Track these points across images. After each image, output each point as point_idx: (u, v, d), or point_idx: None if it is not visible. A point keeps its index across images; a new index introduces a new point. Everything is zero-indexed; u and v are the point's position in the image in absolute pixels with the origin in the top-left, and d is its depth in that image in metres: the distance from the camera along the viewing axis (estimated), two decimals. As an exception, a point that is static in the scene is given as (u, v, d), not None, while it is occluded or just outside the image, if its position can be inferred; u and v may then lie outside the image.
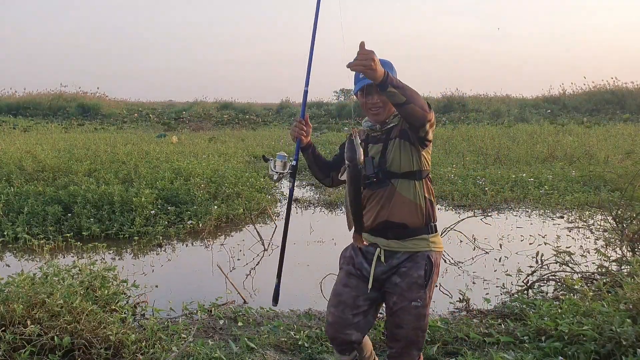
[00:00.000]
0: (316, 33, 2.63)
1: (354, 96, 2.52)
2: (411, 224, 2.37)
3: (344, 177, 2.29)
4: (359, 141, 2.26)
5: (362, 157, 2.24)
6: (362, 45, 2.02)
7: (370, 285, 2.40)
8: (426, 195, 2.40)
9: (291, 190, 2.82)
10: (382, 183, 2.38)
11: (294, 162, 2.68)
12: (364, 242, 2.41)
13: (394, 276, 2.39)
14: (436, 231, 2.44)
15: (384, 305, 2.53)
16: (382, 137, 2.44)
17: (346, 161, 2.23)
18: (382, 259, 2.40)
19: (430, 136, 2.36)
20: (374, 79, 2.07)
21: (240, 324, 3.91)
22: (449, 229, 6.22)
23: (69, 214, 6.73)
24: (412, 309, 2.34)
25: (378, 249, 2.41)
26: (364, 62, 2.01)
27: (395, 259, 2.39)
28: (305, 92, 2.67)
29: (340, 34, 2.38)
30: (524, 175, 9.61)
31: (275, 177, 2.71)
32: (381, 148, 2.42)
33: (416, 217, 2.37)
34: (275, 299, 2.77)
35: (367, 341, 2.66)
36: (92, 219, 6.55)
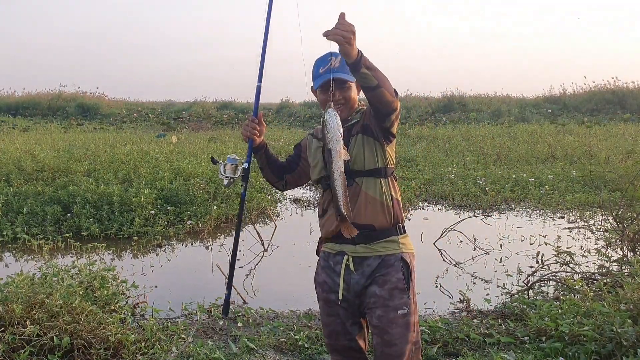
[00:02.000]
0: (269, 28, 2.46)
1: (314, 91, 2.34)
2: (378, 225, 2.19)
3: (335, 159, 2.05)
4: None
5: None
6: (342, 15, 1.84)
7: (340, 296, 2.21)
8: (393, 194, 2.23)
9: (243, 196, 2.56)
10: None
11: (245, 165, 2.46)
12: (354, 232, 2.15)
13: (372, 286, 2.18)
14: (405, 232, 2.27)
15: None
16: (343, 134, 2.25)
17: (338, 136, 2.05)
18: (352, 266, 2.19)
19: (395, 129, 2.23)
20: (348, 55, 1.89)
21: (240, 324, 3.90)
22: (449, 229, 6.21)
23: (68, 214, 6.72)
24: (399, 319, 2.14)
25: (346, 257, 2.21)
26: (344, 32, 1.82)
27: (367, 266, 2.19)
28: (258, 88, 2.47)
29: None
30: (525, 175, 9.60)
31: (225, 182, 2.49)
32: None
33: (383, 217, 2.19)
34: (225, 311, 2.64)
35: None
36: (91, 219, 6.54)
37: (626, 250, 5.14)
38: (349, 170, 2.18)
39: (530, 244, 6.05)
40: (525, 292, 4.47)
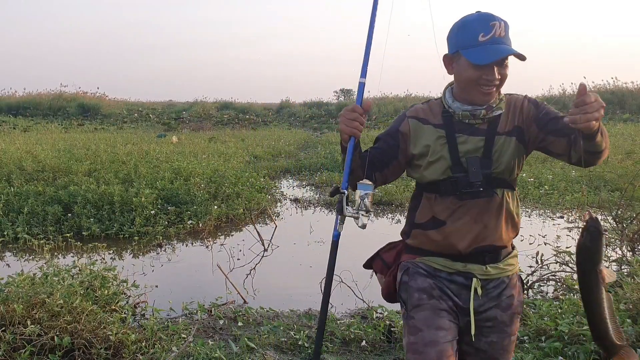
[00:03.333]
0: (375, 19, 1.94)
1: (449, 62, 1.81)
2: (508, 244, 1.86)
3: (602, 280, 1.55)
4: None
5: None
6: (583, 89, 1.50)
7: (473, 332, 1.79)
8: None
9: (337, 238, 1.96)
10: (484, 192, 1.77)
11: (371, 190, 1.82)
12: None
13: (493, 310, 1.83)
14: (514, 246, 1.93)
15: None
16: (482, 127, 1.79)
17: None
18: (479, 291, 1.81)
19: None
20: (591, 128, 1.53)
21: (240, 324, 3.91)
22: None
23: (69, 214, 6.73)
24: (510, 345, 1.86)
25: (474, 280, 1.80)
26: (594, 114, 1.49)
27: (492, 288, 1.84)
28: (361, 85, 1.91)
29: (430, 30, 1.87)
30: (524, 175, 9.61)
31: (362, 222, 1.81)
32: (483, 143, 1.78)
33: (513, 234, 1.86)
34: None
35: None
36: (92, 219, 6.55)
37: (625, 250, 5.15)
38: (491, 177, 1.77)
39: (530, 244, 6.05)
40: (525, 291, 4.48)
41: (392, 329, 3.63)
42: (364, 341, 3.53)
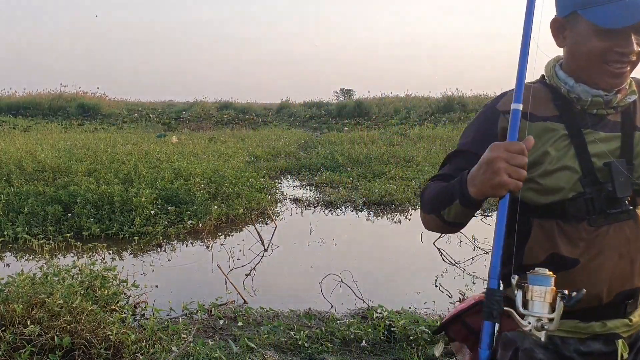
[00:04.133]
0: (531, 33, 1.24)
1: (561, 28, 1.28)
2: None
3: None
4: None
5: None
6: None
7: None
8: None
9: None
10: (627, 213, 1.24)
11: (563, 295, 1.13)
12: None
13: None
14: None
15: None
16: (614, 119, 1.28)
17: None
18: (624, 356, 1.27)
19: None
20: None
21: (240, 324, 3.91)
22: (449, 229, 6.22)
23: (69, 214, 6.73)
24: None
25: (620, 343, 1.26)
26: None
27: (632, 342, 1.33)
28: (516, 113, 1.20)
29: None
30: (524, 175, 9.59)
31: (545, 337, 1.11)
32: (619, 142, 1.26)
33: None
34: None
35: None
36: (92, 219, 6.55)
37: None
38: (635, 190, 1.25)
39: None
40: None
41: (392, 329, 3.63)
42: (364, 341, 3.53)
